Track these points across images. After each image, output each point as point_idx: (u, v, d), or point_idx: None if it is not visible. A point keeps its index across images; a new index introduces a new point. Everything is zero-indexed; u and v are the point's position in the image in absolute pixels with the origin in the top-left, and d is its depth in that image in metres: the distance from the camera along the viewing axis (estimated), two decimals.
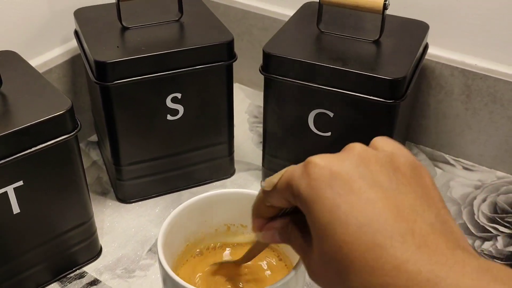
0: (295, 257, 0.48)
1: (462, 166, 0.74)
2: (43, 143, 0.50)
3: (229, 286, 0.49)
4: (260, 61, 0.61)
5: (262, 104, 0.84)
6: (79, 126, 0.53)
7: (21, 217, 0.52)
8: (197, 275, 0.50)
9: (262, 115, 0.82)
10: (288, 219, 0.36)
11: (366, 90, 0.57)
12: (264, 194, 0.35)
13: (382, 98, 0.56)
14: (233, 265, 0.50)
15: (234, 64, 0.63)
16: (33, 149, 0.50)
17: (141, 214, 0.66)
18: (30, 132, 0.49)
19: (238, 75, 0.79)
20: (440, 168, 0.73)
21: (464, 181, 0.71)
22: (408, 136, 0.77)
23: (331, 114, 0.59)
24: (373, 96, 0.57)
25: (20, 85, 0.54)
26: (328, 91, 0.58)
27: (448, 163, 0.74)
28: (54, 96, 0.53)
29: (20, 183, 0.50)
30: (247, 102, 0.85)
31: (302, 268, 0.44)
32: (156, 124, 0.63)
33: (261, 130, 0.80)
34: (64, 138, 0.51)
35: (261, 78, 0.62)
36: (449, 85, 0.71)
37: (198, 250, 0.52)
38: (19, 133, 0.49)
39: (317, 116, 0.60)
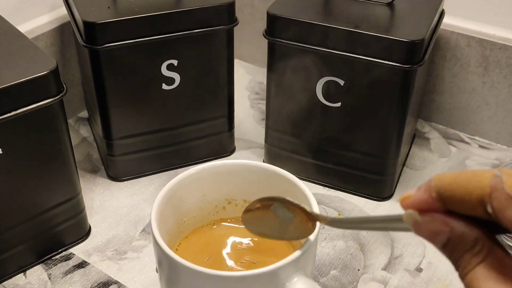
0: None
1: (478, 144, 0.69)
2: (24, 106, 0.45)
3: (233, 263, 0.44)
4: (261, 36, 0.56)
5: (264, 81, 0.80)
6: (64, 90, 0.48)
7: (0, 191, 0.47)
8: (195, 256, 0.45)
9: (264, 92, 0.78)
10: (484, 234, 0.24)
11: (380, 55, 0.52)
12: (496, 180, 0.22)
13: (398, 63, 0.51)
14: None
15: (234, 39, 0.59)
16: (13, 113, 0.45)
17: (134, 192, 0.61)
18: (9, 94, 0.44)
19: (238, 50, 0.74)
20: (454, 146, 0.68)
21: (480, 160, 0.66)
22: (421, 113, 0.72)
23: (342, 82, 0.54)
24: (388, 61, 0.52)
25: None
26: (338, 56, 0.53)
27: (463, 141, 0.69)
28: (37, 56, 0.48)
29: None
30: (247, 78, 0.80)
31: (313, 247, 0.40)
32: (151, 94, 0.58)
33: (263, 107, 0.75)
34: (48, 102, 0.46)
35: (262, 54, 0.57)
36: (465, 57, 0.66)
37: (195, 227, 0.47)
38: None
39: (326, 85, 0.55)
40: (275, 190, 0.45)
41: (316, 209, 0.41)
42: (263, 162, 0.65)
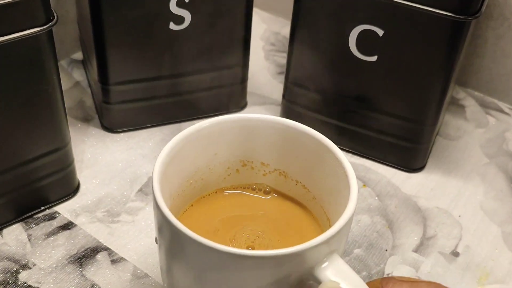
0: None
1: None
2: (4, 35, 0.37)
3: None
4: None
5: (280, 31, 0.71)
6: (55, 18, 0.40)
7: None
8: (202, 227, 0.38)
9: (280, 44, 0.70)
10: None
11: (430, 1, 0.44)
12: None
13: (451, 12, 0.44)
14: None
15: None
16: None
17: (131, 146, 0.54)
18: None
19: None
20: (492, 116, 0.61)
21: None
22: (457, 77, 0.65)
23: (380, 32, 0.46)
24: (439, 9, 0.44)
25: None
26: (378, 0, 0.45)
27: (502, 111, 0.62)
28: None
29: None
30: (262, 27, 0.72)
31: (349, 225, 0.33)
32: (156, 33, 0.50)
33: (279, 59, 0.67)
34: (34, 32, 0.38)
35: (279, 1, 0.49)
36: None
37: (203, 193, 0.40)
38: None
39: (361, 35, 0.47)
40: (301, 153, 0.38)
41: (354, 186, 0.34)
42: None
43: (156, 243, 0.35)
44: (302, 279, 0.31)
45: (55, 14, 0.40)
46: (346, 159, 0.35)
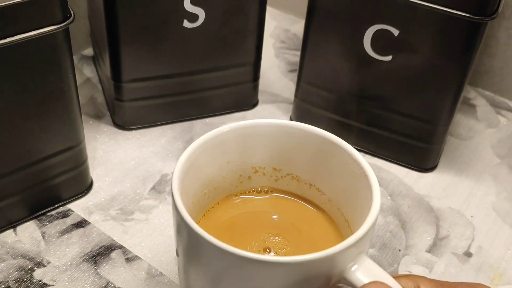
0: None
1: None
2: (23, 33, 0.37)
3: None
4: None
5: (291, 28, 0.71)
6: (72, 16, 0.40)
7: None
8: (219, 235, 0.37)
9: (291, 41, 0.69)
10: None
11: (447, 1, 0.44)
12: None
13: (468, 13, 0.43)
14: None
15: None
16: (8, 39, 0.37)
17: (144, 144, 0.54)
18: (5, 16, 0.36)
19: None
20: (503, 116, 0.61)
21: None
22: None
23: (396, 32, 0.46)
24: (456, 10, 0.44)
25: None
26: (394, 0, 0.45)
27: None
28: None
29: None
30: (272, 25, 0.72)
31: (374, 226, 0.32)
32: (169, 31, 0.50)
33: (289, 57, 0.66)
34: (51, 30, 0.38)
35: None
36: None
37: (216, 201, 0.40)
38: None
39: (376, 34, 0.47)
40: (314, 156, 0.38)
41: (376, 185, 0.33)
42: (290, 118, 0.57)
43: (177, 255, 0.35)
44: (329, 283, 0.31)
45: (72, 12, 0.40)
46: (363, 158, 0.35)
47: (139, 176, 0.50)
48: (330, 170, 0.38)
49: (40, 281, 0.41)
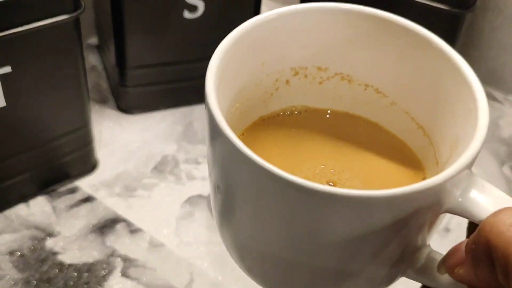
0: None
1: None
2: (37, 21, 0.41)
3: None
4: None
5: None
6: (82, 7, 0.43)
7: (7, 112, 0.43)
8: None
9: None
10: None
11: None
12: None
13: (445, 5, 0.47)
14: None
15: None
16: (24, 27, 0.40)
17: (146, 128, 0.57)
18: (21, 6, 0.40)
19: None
20: (490, 106, 0.64)
21: None
22: None
23: None
24: (435, 2, 0.47)
25: None
26: None
27: (495, 99, 0.65)
28: None
29: (8, 69, 0.41)
30: None
31: None
32: (171, 21, 0.53)
33: None
34: (63, 20, 0.42)
35: None
36: (510, 9, 0.61)
37: (249, 119, 0.31)
38: (7, 6, 0.39)
39: None
40: (382, 51, 0.30)
41: (481, 92, 0.27)
42: None
43: (217, 192, 0.27)
44: (436, 217, 0.25)
45: (82, 3, 0.43)
46: (464, 60, 0.27)
47: (141, 157, 0.54)
48: (406, 73, 0.30)
49: (52, 249, 0.45)
